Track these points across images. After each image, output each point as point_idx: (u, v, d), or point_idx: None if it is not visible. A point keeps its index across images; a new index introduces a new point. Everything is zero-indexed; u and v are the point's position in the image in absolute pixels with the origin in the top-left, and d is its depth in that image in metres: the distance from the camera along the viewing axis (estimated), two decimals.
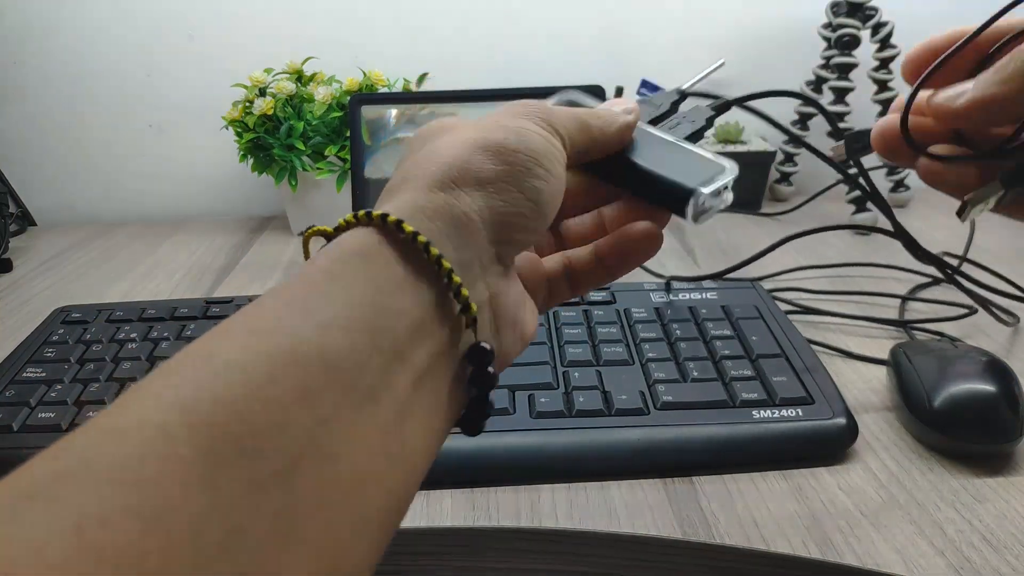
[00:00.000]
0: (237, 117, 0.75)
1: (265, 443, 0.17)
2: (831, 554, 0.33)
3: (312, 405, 0.19)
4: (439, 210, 0.24)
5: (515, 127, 0.27)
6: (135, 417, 0.17)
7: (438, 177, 0.25)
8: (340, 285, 0.22)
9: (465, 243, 0.24)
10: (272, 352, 0.19)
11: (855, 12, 0.76)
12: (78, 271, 0.73)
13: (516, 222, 0.25)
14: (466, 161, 0.25)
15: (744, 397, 0.42)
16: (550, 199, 0.26)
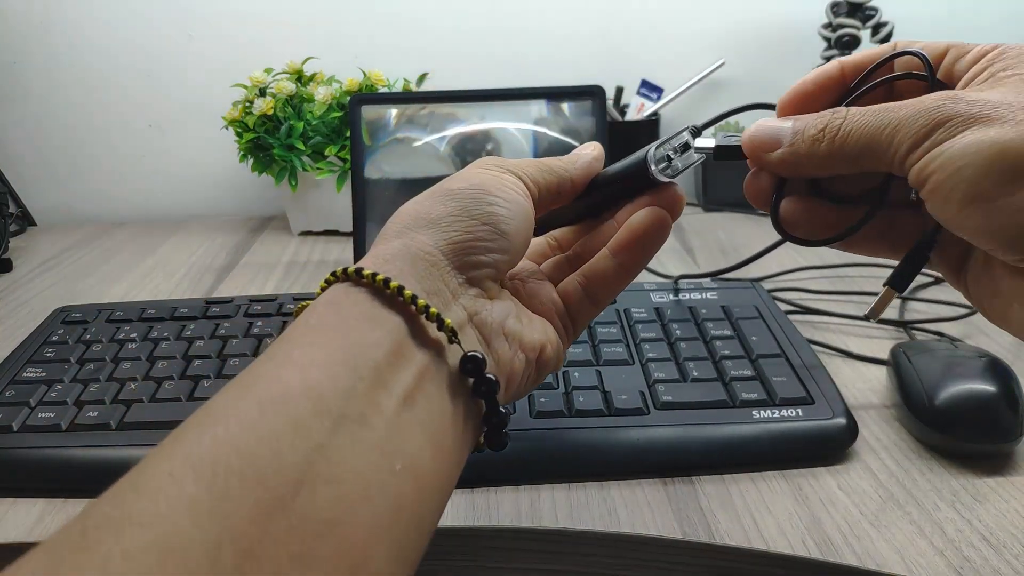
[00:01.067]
0: (237, 117, 0.75)
1: (263, 472, 0.19)
2: (831, 554, 0.33)
3: (304, 435, 0.21)
4: (397, 253, 0.27)
5: (462, 175, 0.30)
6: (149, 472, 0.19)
7: (395, 230, 0.28)
8: (316, 333, 0.24)
9: (428, 274, 0.27)
10: (261, 397, 0.21)
11: (855, 12, 0.76)
12: (78, 271, 0.73)
13: (475, 245, 0.28)
14: (418, 209, 0.29)
15: (744, 397, 0.42)
16: (511, 220, 0.29)
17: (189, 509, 0.18)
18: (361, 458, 0.21)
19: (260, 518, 0.18)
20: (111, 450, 0.40)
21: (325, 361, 0.23)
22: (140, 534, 0.17)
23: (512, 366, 0.29)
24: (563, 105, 0.64)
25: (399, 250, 0.27)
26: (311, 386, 0.22)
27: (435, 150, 0.65)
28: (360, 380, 0.23)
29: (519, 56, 0.86)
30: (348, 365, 0.23)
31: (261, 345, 0.49)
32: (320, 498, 0.20)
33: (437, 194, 0.29)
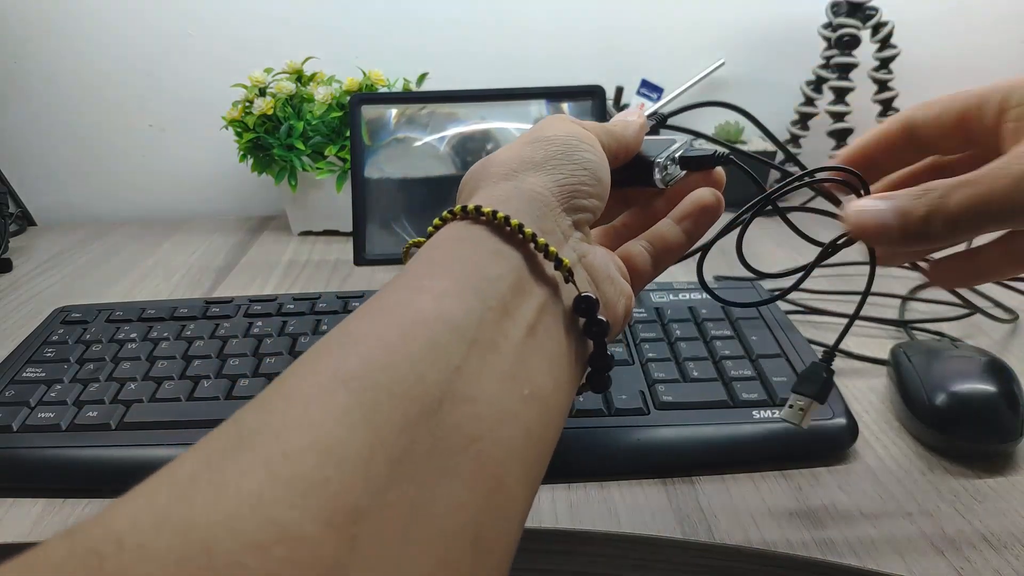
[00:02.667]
0: (237, 117, 0.75)
1: (409, 388, 0.20)
2: (831, 554, 0.33)
3: (443, 356, 0.22)
4: (511, 193, 0.28)
5: (550, 125, 0.32)
6: (297, 385, 0.20)
7: (502, 172, 0.29)
8: (444, 266, 0.25)
9: (542, 214, 0.28)
10: (400, 321, 0.22)
11: (855, 12, 0.76)
12: (78, 271, 0.73)
13: (579, 189, 0.29)
14: (519, 154, 0.30)
15: (744, 397, 0.42)
16: (601, 169, 0.31)
17: (342, 418, 0.19)
18: (494, 381, 0.23)
19: (408, 429, 0.19)
20: (111, 450, 0.40)
21: (456, 290, 0.24)
22: (297, 437, 0.18)
23: (616, 309, 0.30)
24: (563, 105, 0.64)
25: (512, 191, 0.28)
26: (445, 312, 0.23)
27: (435, 150, 0.65)
28: (489, 309, 0.24)
29: (519, 56, 0.86)
30: (477, 295, 0.24)
31: (261, 345, 0.49)
32: (460, 415, 0.21)
33: (534, 140, 0.30)
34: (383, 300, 0.24)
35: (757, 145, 0.83)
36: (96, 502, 0.39)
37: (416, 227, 0.64)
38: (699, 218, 0.34)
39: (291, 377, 0.21)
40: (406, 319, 0.22)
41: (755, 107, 0.88)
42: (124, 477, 0.41)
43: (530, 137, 0.31)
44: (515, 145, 0.31)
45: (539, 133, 0.31)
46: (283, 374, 0.21)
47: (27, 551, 0.16)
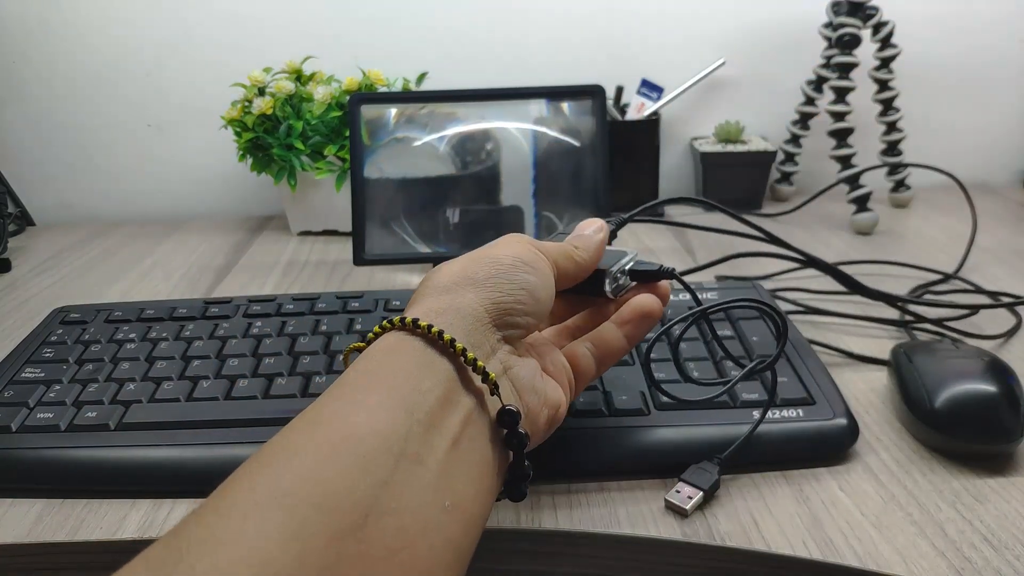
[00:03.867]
0: (236, 117, 0.75)
1: (338, 503, 0.22)
2: (832, 555, 0.33)
3: (371, 470, 0.24)
4: (447, 307, 0.30)
5: (501, 245, 0.34)
6: (234, 499, 0.22)
7: (444, 285, 0.32)
8: (377, 378, 0.27)
9: (473, 328, 0.30)
10: (333, 435, 0.24)
11: (856, 11, 0.76)
12: (77, 271, 0.73)
13: (514, 308, 0.32)
14: (464, 269, 0.32)
15: (744, 397, 0.41)
16: (541, 290, 0.33)
17: (274, 534, 0.21)
18: (418, 494, 0.24)
19: (335, 543, 0.21)
20: (110, 450, 0.40)
21: (387, 404, 0.26)
22: (233, 552, 0.20)
23: (538, 420, 0.32)
24: (563, 104, 0.64)
25: (448, 305, 0.31)
26: (376, 428, 0.25)
27: (434, 150, 0.65)
28: (417, 423, 0.26)
29: (519, 55, 0.86)
30: (407, 409, 0.26)
31: (260, 345, 0.49)
32: (386, 527, 0.23)
33: (480, 259, 0.33)
34: (322, 411, 0.26)
35: (758, 144, 0.83)
36: (95, 502, 0.39)
37: (415, 227, 0.64)
38: (639, 324, 0.37)
39: (232, 490, 0.23)
40: (340, 434, 0.24)
41: (755, 107, 0.89)
42: (123, 477, 0.41)
43: (480, 254, 0.33)
44: (463, 260, 0.33)
45: (489, 252, 0.33)
46: (225, 484, 0.23)
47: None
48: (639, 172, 0.82)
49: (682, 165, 0.91)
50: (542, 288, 0.33)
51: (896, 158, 0.80)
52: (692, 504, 0.36)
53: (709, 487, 0.37)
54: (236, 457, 0.39)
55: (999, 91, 0.89)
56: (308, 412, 0.26)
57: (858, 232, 0.75)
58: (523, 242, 0.34)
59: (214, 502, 0.22)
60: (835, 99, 0.76)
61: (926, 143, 0.85)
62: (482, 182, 0.65)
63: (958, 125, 0.90)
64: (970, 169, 0.79)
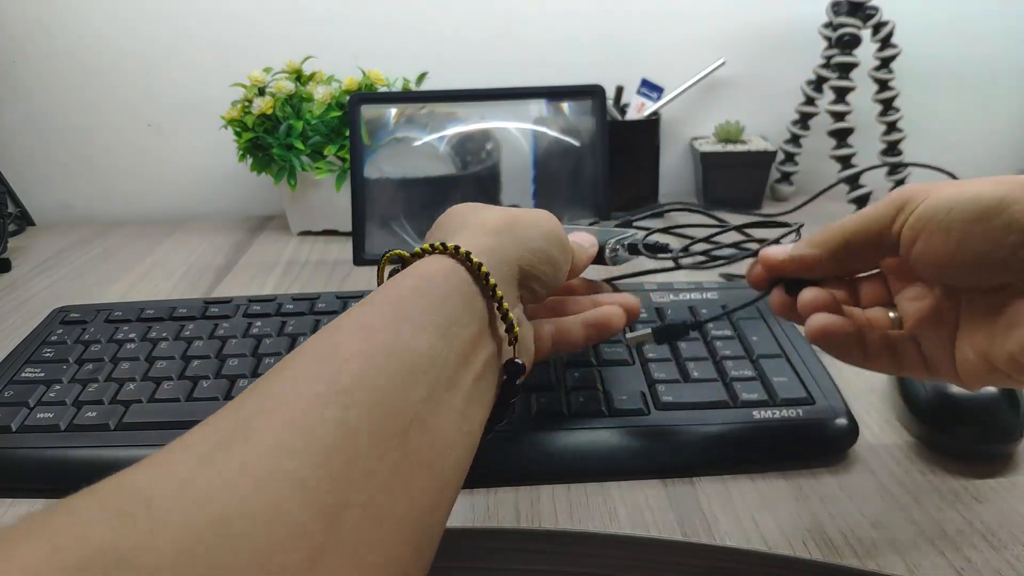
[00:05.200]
0: (236, 116, 0.75)
1: (388, 408, 0.24)
2: (832, 555, 0.33)
3: (416, 385, 0.25)
4: (493, 249, 0.33)
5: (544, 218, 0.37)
6: (291, 387, 0.24)
7: (492, 227, 0.34)
8: (426, 300, 0.29)
9: (505, 279, 0.33)
10: (385, 344, 0.26)
11: (856, 11, 0.76)
12: (77, 271, 0.73)
13: (538, 276, 0.35)
14: (511, 220, 0.35)
15: (744, 397, 0.41)
16: (561, 269, 0.37)
17: (334, 429, 0.22)
18: (448, 416, 0.27)
19: (380, 446, 0.23)
20: (110, 450, 0.40)
21: (433, 328, 0.28)
22: (298, 439, 0.21)
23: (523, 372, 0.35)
24: (563, 104, 0.64)
25: (495, 248, 0.33)
26: (422, 347, 0.27)
27: (434, 150, 0.65)
28: (453, 353, 0.28)
29: (519, 55, 0.86)
30: (447, 339, 0.28)
31: (260, 345, 0.49)
32: (422, 441, 0.25)
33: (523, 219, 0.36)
34: (372, 318, 0.28)
35: (758, 144, 0.83)
36: None
37: (415, 227, 0.64)
38: (601, 331, 0.40)
39: (288, 375, 0.24)
40: (390, 344, 0.26)
41: (755, 106, 0.89)
42: None
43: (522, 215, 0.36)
44: (508, 212, 0.36)
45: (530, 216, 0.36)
46: (280, 366, 0.25)
47: (49, 507, 0.18)
48: (639, 172, 0.82)
49: (682, 165, 0.91)
50: (562, 269, 0.36)
51: (896, 158, 0.80)
52: (633, 340, 0.41)
53: (659, 334, 0.40)
54: None
55: (999, 91, 0.89)
56: (356, 316, 0.28)
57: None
58: (555, 222, 0.37)
59: (272, 380, 0.24)
60: (835, 99, 0.77)
61: (926, 143, 0.85)
62: (482, 182, 0.65)
63: (958, 125, 0.90)
64: (970, 169, 0.78)
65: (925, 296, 0.34)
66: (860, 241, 0.32)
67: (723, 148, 0.83)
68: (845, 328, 0.33)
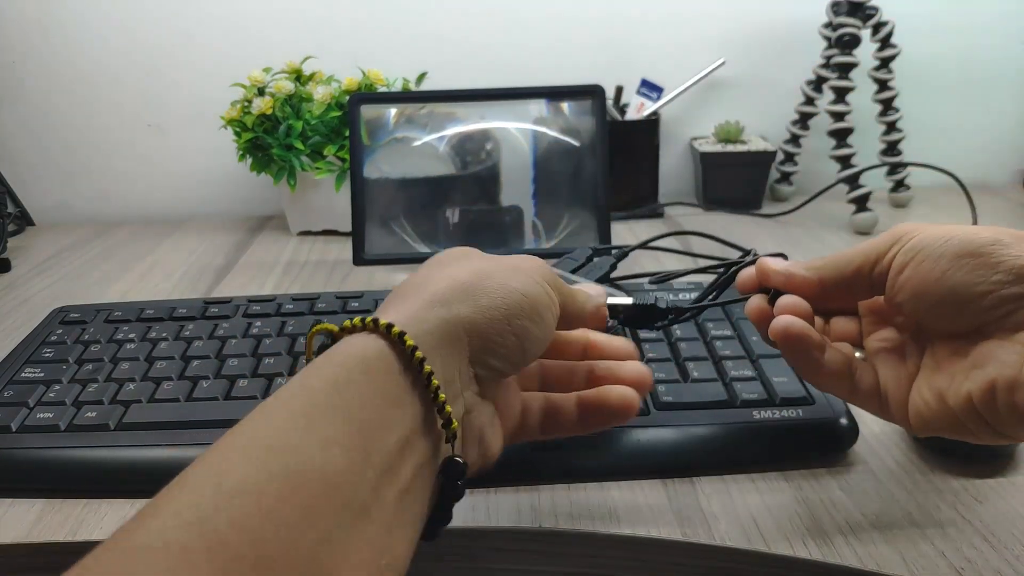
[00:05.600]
0: (236, 117, 0.75)
1: (274, 563, 0.19)
2: (832, 555, 0.33)
3: (315, 524, 0.21)
4: (436, 325, 0.27)
5: (526, 274, 0.31)
6: (158, 536, 0.19)
7: (442, 295, 0.28)
8: (342, 398, 0.24)
9: (450, 358, 0.27)
10: (280, 472, 0.21)
11: (855, 11, 0.76)
12: (76, 271, 0.73)
13: (498, 351, 0.29)
14: (465, 287, 0.29)
15: (744, 397, 0.41)
16: (534, 342, 0.30)
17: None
18: (358, 553, 0.22)
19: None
20: (110, 450, 0.40)
21: (346, 440, 0.23)
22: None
23: (471, 470, 0.30)
24: (563, 104, 0.64)
25: (438, 323, 0.27)
26: (328, 469, 0.22)
27: (434, 149, 0.65)
28: (372, 468, 0.23)
29: (519, 55, 0.86)
30: (365, 451, 0.23)
31: (260, 345, 0.49)
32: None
33: (486, 281, 0.29)
34: (271, 424, 0.23)
35: (758, 144, 0.83)
36: (95, 502, 0.39)
37: (415, 227, 0.64)
38: (602, 418, 0.34)
39: (148, 526, 0.19)
40: (289, 469, 0.21)
41: (755, 107, 0.89)
42: (123, 477, 0.41)
43: (489, 275, 0.30)
44: (471, 269, 0.30)
45: (500, 277, 0.30)
46: (137, 517, 0.20)
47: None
48: (639, 172, 0.82)
49: (682, 165, 0.91)
50: (535, 342, 0.30)
51: (896, 158, 0.80)
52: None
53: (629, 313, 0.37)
54: None
55: (999, 91, 0.89)
56: (257, 424, 0.23)
57: (858, 232, 0.75)
58: (539, 276, 0.31)
59: (123, 540, 0.19)
60: (835, 99, 0.76)
61: (926, 143, 0.85)
62: (482, 182, 0.64)
63: (958, 125, 0.90)
64: (970, 169, 0.78)
65: (894, 338, 0.34)
66: (853, 273, 0.33)
67: (723, 148, 0.83)
68: (809, 335, 0.32)
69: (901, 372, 0.32)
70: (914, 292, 0.30)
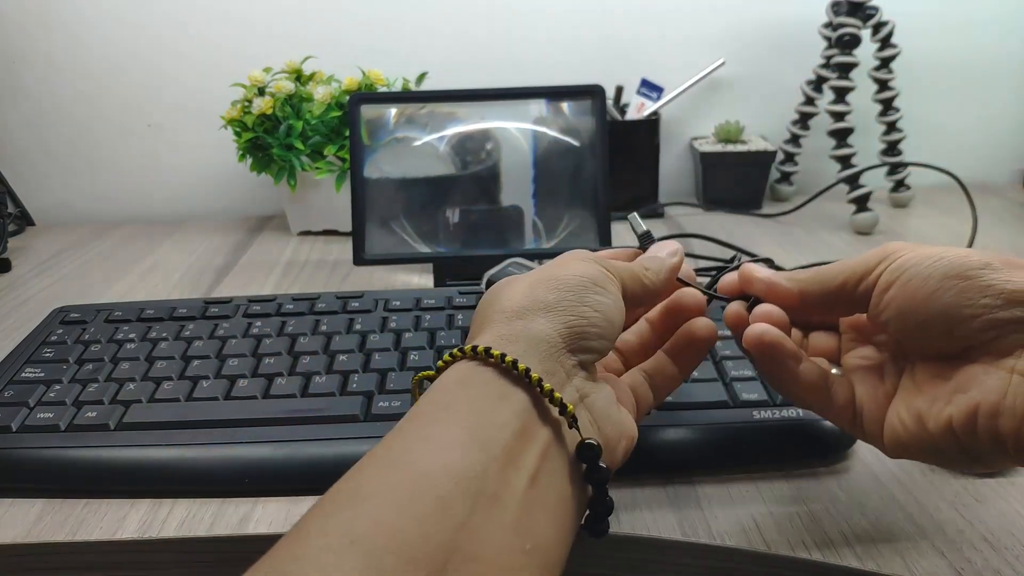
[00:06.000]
0: (236, 116, 0.75)
1: (416, 551, 0.21)
2: (831, 555, 0.33)
3: (448, 513, 0.22)
4: (519, 334, 0.29)
5: (567, 264, 0.32)
6: (308, 545, 0.21)
7: (512, 311, 0.30)
8: (449, 412, 0.26)
9: (547, 355, 0.29)
10: (406, 477, 0.23)
11: (855, 11, 0.76)
12: (77, 271, 0.73)
13: (588, 331, 0.30)
14: (531, 295, 0.30)
15: (744, 397, 0.41)
16: (614, 311, 0.31)
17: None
18: (497, 537, 0.23)
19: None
20: (110, 450, 0.40)
21: (461, 440, 0.25)
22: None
23: (616, 452, 0.31)
24: (563, 104, 0.64)
25: (521, 331, 0.29)
26: (451, 466, 0.24)
27: (434, 149, 0.65)
28: (493, 459, 0.24)
29: (519, 55, 0.86)
30: (482, 444, 0.25)
31: (260, 345, 0.49)
32: (467, 575, 0.22)
33: (546, 279, 0.31)
34: (392, 448, 0.25)
35: (758, 144, 0.83)
36: (95, 502, 0.39)
37: (415, 227, 0.64)
38: (693, 354, 0.36)
39: (302, 533, 0.22)
40: (413, 473, 0.23)
41: (755, 107, 0.89)
42: (123, 477, 0.41)
43: (545, 275, 0.31)
44: (529, 280, 0.31)
45: (554, 271, 0.31)
46: (298, 525, 0.22)
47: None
48: (639, 172, 0.82)
49: (682, 165, 0.91)
50: (614, 309, 0.31)
51: (896, 158, 0.80)
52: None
53: None
54: (236, 457, 0.40)
55: (999, 91, 0.89)
56: (379, 449, 0.25)
57: (858, 232, 0.75)
58: (589, 260, 0.33)
59: (290, 547, 0.21)
60: (835, 99, 0.77)
61: (926, 143, 0.85)
62: (482, 182, 0.64)
63: (958, 125, 0.90)
64: (970, 169, 0.79)
65: (874, 356, 0.34)
66: (837, 288, 0.32)
67: (723, 148, 0.83)
68: (783, 343, 0.32)
69: (879, 391, 0.32)
70: (899, 311, 0.30)
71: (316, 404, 0.43)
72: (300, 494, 0.39)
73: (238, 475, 0.39)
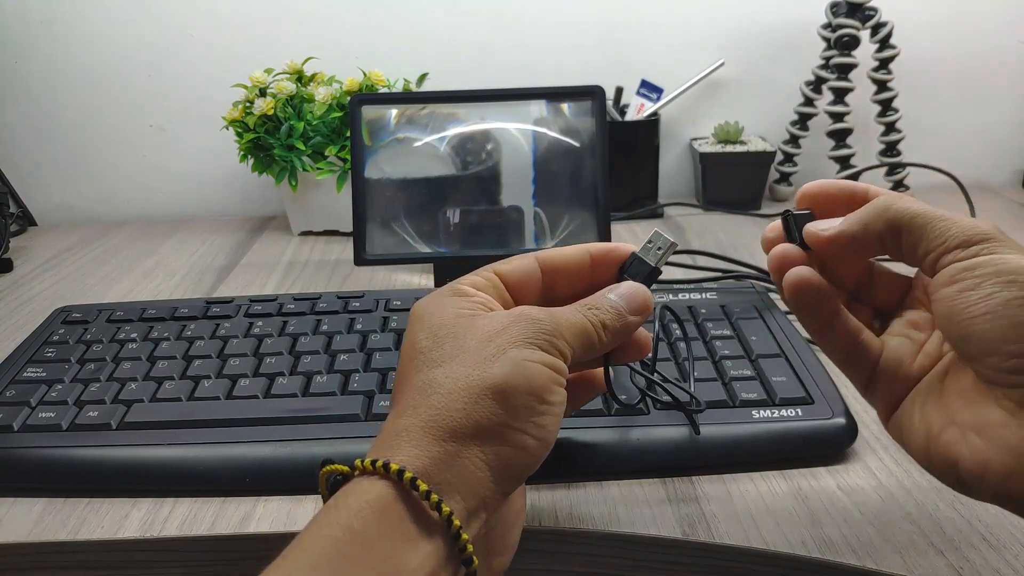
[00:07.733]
0: (237, 117, 0.75)
1: None
2: (831, 554, 0.33)
3: None
4: (449, 462, 0.26)
5: (518, 359, 0.28)
6: None
7: (445, 426, 0.26)
8: (360, 545, 0.24)
9: (472, 491, 0.26)
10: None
11: (855, 12, 0.76)
12: (78, 271, 0.74)
13: (520, 464, 0.28)
14: (470, 412, 0.27)
15: (744, 397, 0.42)
16: (553, 429, 0.28)
17: None
18: None
19: None
20: (111, 450, 0.40)
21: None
22: None
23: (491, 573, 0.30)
24: (563, 105, 0.64)
25: (452, 460, 0.26)
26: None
27: (435, 150, 0.65)
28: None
29: (519, 56, 0.86)
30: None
31: (261, 345, 0.49)
32: None
33: (483, 390, 0.27)
34: (294, 572, 0.23)
35: (757, 145, 0.84)
36: (97, 502, 0.39)
37: (416, 227, 0.64)
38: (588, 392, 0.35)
39: None
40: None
41: (754, 107, 0.89)
42: (125, 477, 0.41)
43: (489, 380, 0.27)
44: (472, 381, 0.27)
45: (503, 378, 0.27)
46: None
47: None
48: (639, 172, 0.82)
49: (682, 166, 0.91)
50: (554, 425, 0.28)
51: (895, 158, 0.80)
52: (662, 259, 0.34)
53: None
54: (237, 456, 0.40)
55: (999, 91, 0.89)
56: (280, 571, 0.23)
57: None
58: (543, 350, 0.28)
59: None
60: (834, 100, 0.77)
61: (925, 143, 0.86)
62: (482, 182, 0.65)
63: (957, 126, 0.90)
64: (969, 169, 0.79)
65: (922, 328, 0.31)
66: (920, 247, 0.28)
67: (722, 148, 0.83)
68: (825, 285, 0.30)
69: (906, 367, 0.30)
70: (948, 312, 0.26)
71: (317, 404, 0.43)
72: (301, 493, 0.39)
73: (239, 474, 0.39)
